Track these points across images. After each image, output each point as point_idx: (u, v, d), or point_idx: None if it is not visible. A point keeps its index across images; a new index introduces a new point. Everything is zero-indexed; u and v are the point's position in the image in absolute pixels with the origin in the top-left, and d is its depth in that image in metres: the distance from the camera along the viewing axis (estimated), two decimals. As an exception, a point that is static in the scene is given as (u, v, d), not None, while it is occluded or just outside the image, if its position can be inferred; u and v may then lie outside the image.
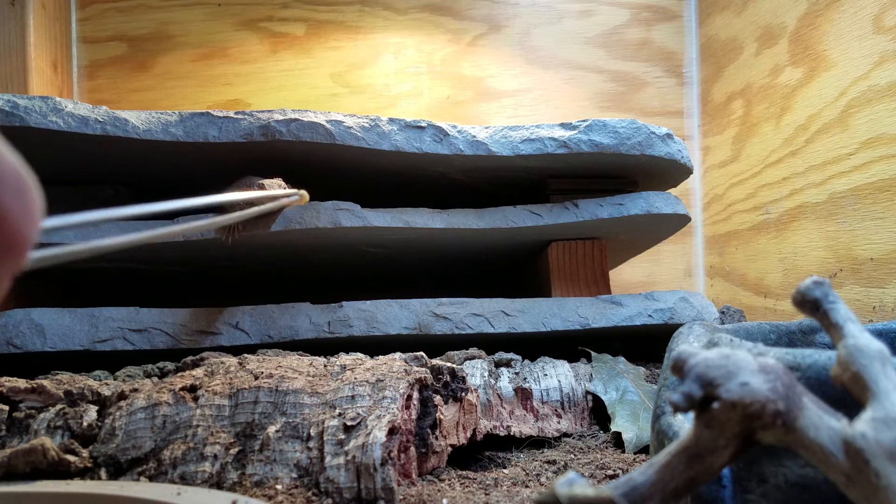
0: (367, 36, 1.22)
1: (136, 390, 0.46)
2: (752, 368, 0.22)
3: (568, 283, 0.77)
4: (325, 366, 0.50)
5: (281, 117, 0.68)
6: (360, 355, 0.54)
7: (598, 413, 0.60)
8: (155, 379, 0.54)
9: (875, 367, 0.22)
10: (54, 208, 0.76)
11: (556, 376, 0.61)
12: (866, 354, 0.22)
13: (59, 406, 0.46)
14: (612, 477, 0.46)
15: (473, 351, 0.66)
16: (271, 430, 0.43)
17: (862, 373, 0.22)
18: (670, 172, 0.81)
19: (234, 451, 0.42)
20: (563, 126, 0.74)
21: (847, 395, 0.23)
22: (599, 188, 0.78)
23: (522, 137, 0.73)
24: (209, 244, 0.69)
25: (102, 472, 0.41)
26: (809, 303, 0.26)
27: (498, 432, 0.56)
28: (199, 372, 0.49)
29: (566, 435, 0.58)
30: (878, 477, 0.19)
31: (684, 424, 0.32)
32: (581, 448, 0.54)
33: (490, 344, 0.73)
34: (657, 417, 0.34)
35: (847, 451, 0.20)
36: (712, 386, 0.22)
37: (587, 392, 0.61)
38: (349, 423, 0.42)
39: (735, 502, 0.27)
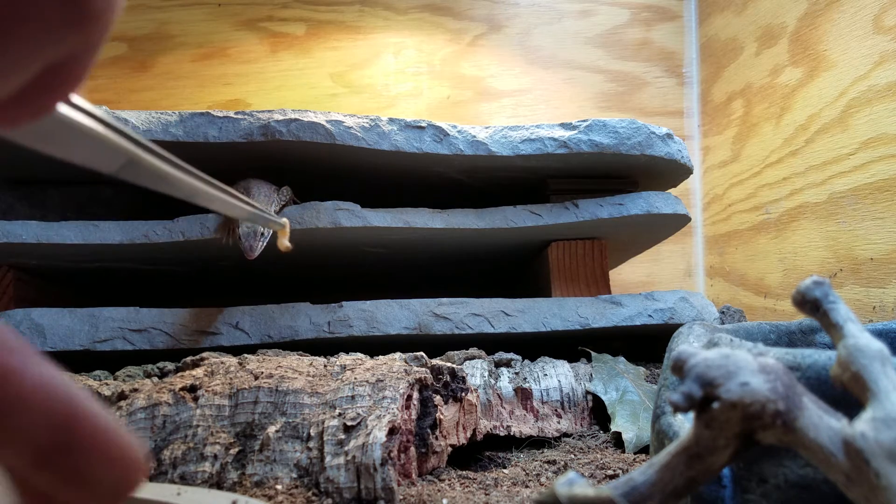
0: (367, 36, 1.22)
1: (136, 390, 0.46)
2: (752, 368, 0.22)
3: (568, 283, 0.77)
4: (325, 366, 0.50)
5: (281, 117, 0.68)
6: (360, 355, 0.54)
7: (598, 413, 0.60)
8: (155, 379, 0.54)
9: (875, 367, 0.22)
10: (54, 209, 0.76)
11: (556, 376, 0.61)
12: (866, 354, 0.22)
13: (59, 406, 0.46)
14: (612, 477, 0.46)
15: (473, 351, 0.66)
16: (271, 430, 0.43)
17: (862, 373, 0.22)
18: (670, 172, 0.81)
19: (234, 451, 0.42)
20: (563, 126, 0.74)
21: (847, 394, 0.23)
22: (599, 188, 0.78)
23: (522, 137, 0.73)
24: (209, 244, 0.69)
25: (102, 472, 0.41)
26: (809, 303, 0.26)
27: (498, 432, 0.56)
28: (199, 372, 0.49)
29: (566, 435, 0.58)
30: (878, 477, 0.19)
31: (684, 424, 0.32)
32: (581, 448, 0.54)
33: (490, 344, 0.73)
34: (657, 417, 0.34)
35: (847, 451, 0.20)
36: (712, 386, 0.22)
37: (587, 392, 0.61)
38: (349, 423, 0.42)
39: (735, 502, 0.27)
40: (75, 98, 0.17)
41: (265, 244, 0.64)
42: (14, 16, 0.13)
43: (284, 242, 0.42)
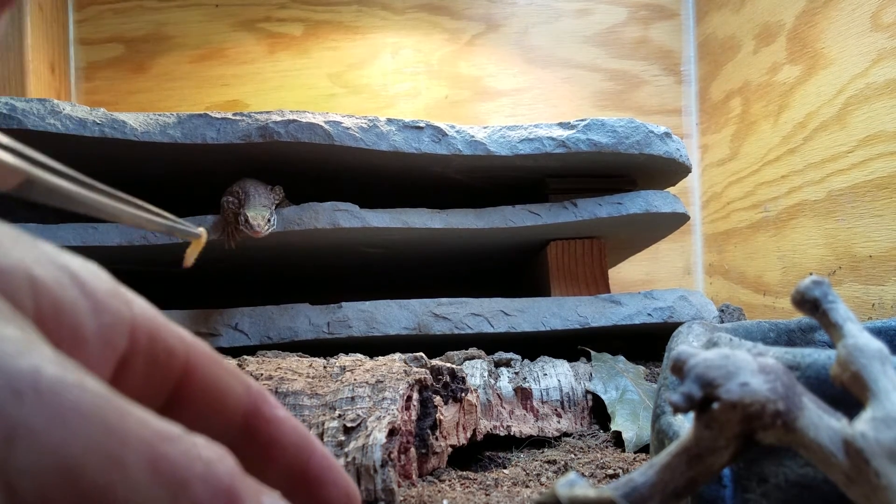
0: (365, 36, 1.22)
1: (135, 393, 0.46)
2: (751, 369, 0.22)
3: (567, 282, 0.77)
4: (325, 367, 0.50)
5: (279, 118, 0.67)
6: (359, 356, 0.54)
7: (598, 412, 0.60)
8: (154, 381, 0.54)
9: (875, 367, 0.22)
10: (53, 211, 0.76)
11: (555, 376, 0.61)
12: (866, 354, 0.22)
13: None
14: (612, 476, 0.46)
15: (473, 351, 0.65)
16: (271, 431, 0.42)
17: (861, 372, 0.22)
18: (669, 171, 0.81)
19: (234, 453, 0.42)
20: (562, 125, 0.74)
21: (847, 394, 0.23)
22: (598, 187, 0.78)
23: (521, 137, 0.73)
24: (208, 246, 0.69)
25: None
26: (809, 302, 0.26)
27: (498, 432, 0.56)
28: (198, 374, 0.49)
29: (566, 434, 0.58)
30: (879, 476, 0.19)
31: (684, 424, 0.32)
32: (581, 447, 0.54)
33: (490, 343, 0.73)
34: (657, 417, 0.34)
35: (847, 450, 0.20)
36: (712, 386, 0.22)
37: (587, 391, 0.61)
38: (349, 425, 0.42)
39: (735, 502, 0.27)
40: None
41: (273, 227, 0.65)
42: None
43: (191, 258, 0.40)
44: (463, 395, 0.50)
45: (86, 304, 0.14)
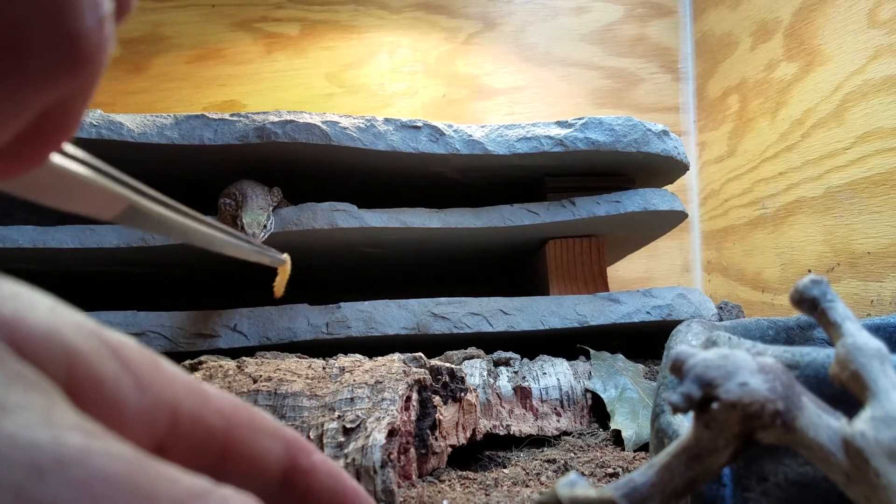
0: (362, 35, 1.22)
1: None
2: (750, 368, 0.22)
3: (566, 280, 0.77)
4: (324, 368, 0.50)
5: (276, 119, 0.67)
6: (358, 357, 0.54)
7: (598, 411, 0.60)
8: (153, 383, 0.53)
9: (874, 366, 0.22)
10: (51, 212, 0.76)
11: (555, 374, 0.61)
12: (865, 353, 0.22)
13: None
14: (612, 475, 0.46)
15: (472, 350, 0.65)
16: (271, 433, 0.42)
17: (861, 371, 0.22)
18: (667, 169, 0.81)
19: (233, 454, 0.42)
20: (559, 124, 0.74)
21: (846, 392, 0.23)
22: (596, 186, 0.78)
23: (518, 136, 0.73)
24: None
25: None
26: (807, 301, 0.26)
27: (497, 432, 0.56)
28: (197, 376, 0.49)
29: (566, 433, 0.58)
30: (878, 476, 0.19)
31: (684, 423, 0.32)
32: (581, 446, 0.54)
33: (488, 343, 0.73)
34: (656, 416, 0.34)
35: (847, 450, 0.20)
36: (711, 386, 0.22)
37: (586, 390, 0.61)
38: (348, 426, 0.41)
39: (735, 501, 0.27)
40: (68, 147, 0.17)
41: (271, 231, 0.65)
42: (4, 61, 0.12)
43: (281, 287, 0.40)
44: (462, 394, 0.50)
45: (129, 381, 0.14)
